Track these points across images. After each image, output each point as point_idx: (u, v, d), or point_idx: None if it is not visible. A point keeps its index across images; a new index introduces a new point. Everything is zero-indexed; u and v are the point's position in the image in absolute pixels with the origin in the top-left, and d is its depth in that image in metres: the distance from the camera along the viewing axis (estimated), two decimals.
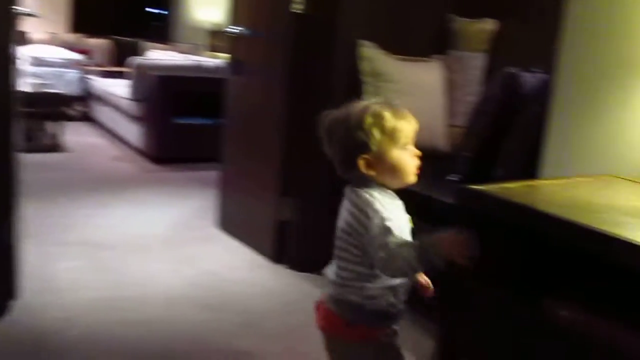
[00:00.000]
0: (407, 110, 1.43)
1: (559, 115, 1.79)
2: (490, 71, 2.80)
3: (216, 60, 5.55)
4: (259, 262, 2.94)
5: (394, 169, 1.40)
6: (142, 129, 4.90)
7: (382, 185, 1.41)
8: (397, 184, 1.41)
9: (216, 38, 6.86)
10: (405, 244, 1.29)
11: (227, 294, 2.58)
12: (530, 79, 2.42)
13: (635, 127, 1.61)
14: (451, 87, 2.90)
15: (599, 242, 1.03)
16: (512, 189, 1.30)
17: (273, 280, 2.76)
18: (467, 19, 2.95)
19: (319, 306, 1.50)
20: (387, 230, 1.31)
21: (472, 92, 2.85)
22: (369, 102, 1.42)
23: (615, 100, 1.65)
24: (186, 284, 2.64)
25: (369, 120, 1.38)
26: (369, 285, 1.39)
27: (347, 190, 1.46)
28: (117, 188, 4.09)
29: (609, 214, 1.17)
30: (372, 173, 1.39)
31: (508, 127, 2.27)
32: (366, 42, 2.67)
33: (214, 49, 6.79)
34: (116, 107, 5.53)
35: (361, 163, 1.39)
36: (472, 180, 1.44)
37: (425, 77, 2.79)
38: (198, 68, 5.12)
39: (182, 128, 4.81)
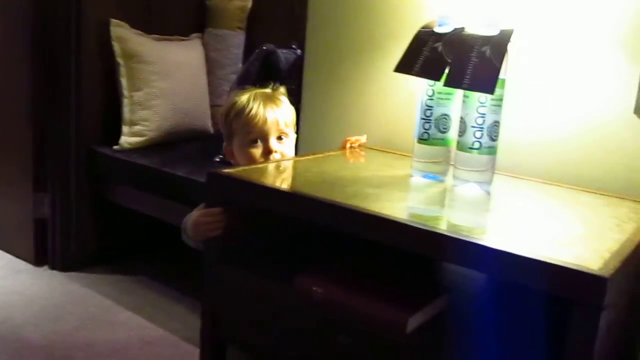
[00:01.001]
0: (281, 102, 1.48)
1: (311, 91, 1.82)
2: (250, 49, 2.78)
3: None
4: (16, 267, 2.66)
5: (242, 162, 1.44)
6: None
7: None
8: None
9: None
10: None
11: None
12: (287, 55, 2.45)
13: (380, 100, 1.68)
14: (213, 66, 2.84)
15: (344, 217, 1.04)
16: (262, 169, 1.28)
17: (35, 284, 2.52)
18: None
19: None
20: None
21: (234, 70, 2.82)
22: (247, 90, 1.48)
23: (363, 75, 1.71)
24: None
25: (229, 110, 1.46)
26: None
27: None
28: None
29: (357, 187, 1.20)
30: (232, 158, 1.48)
31: None
32: (117, 22, 2.50)
33: None
34: None
35: (225, 149, 1.50)
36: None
37: (184, 57, 2.70)
38: None
39: None
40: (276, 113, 1.44)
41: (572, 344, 0.82)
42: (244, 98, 1.45)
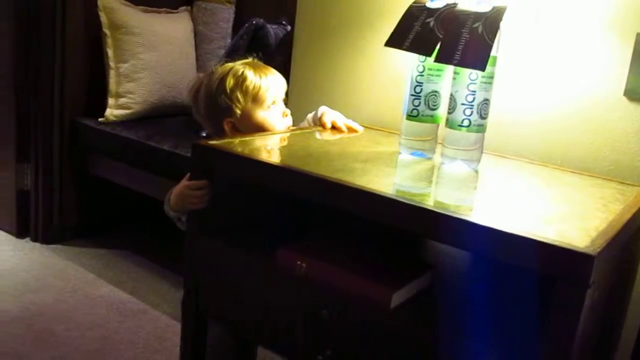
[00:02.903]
0: (271, 68, 1.44)
1: (300, 67, 1.80)
2: (239, 23, 2.74)
3: None
4: None
5: (259, 131, 1.38)
6: None
7: None
8: None
9: None
10: None
11: None
12: (277, 30, 2.42)
13: (369, 76, 1.66)
14: (201, 40, 2.80)
15: (330, 191, 1.03)
16: (248, 141, 1.26)
17: (16, 256, 2.50)
18: None
19: None
20: None
21: (222, 45, 2.78)
22: (233, 64, 1.41)
23: (352, 51, 1.69)
24: None
25: (230, 83, 1.37)
26: None
27: None
28: None
29: (344, 161, 1.18)
30: (238, 135, 1.36)
31: None
32: None
33: None
34: None
35: (226, 127, 1.39)
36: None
37: (172, 29, 2.66)
38: None
39: None
40: (279, 77, 1.44)
41: (557, 321, 0.81)
42: (239, 67, 1.39)
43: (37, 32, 2.44)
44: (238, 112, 1.38)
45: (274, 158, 1.20)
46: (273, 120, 1.40)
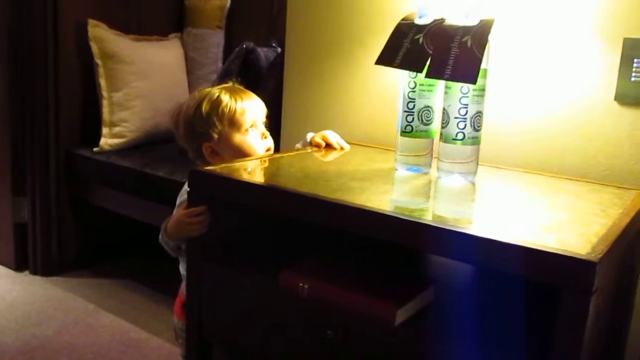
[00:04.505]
0: (249, 92, 1.44)
1: (292, 88, 1.81)
2: (230, 48, 2.76)
3: None
4: None
5: (238, 154, 1.38)
6: None
7: None
8: None
9: None
10: None
11: None
12: (268, 53, 2.44)
13: (362, 94, 1.67)
14: (192, 66, 2.82)
15: (330, 211, 1.03)
16: (244, 165, 1.26)
17: (15, 290, 2.48)
18: None
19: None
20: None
21: (214, 70, 2.80)
22: (211, 88, 1.41)
23: (343, 70, 1.70)
24: None
25: (206, 107, 1.37)
26: None
27: None
28: None
29: (341, 181, 1.19)
30: (217, 160, 1.38)
31: None
32: (94, 22, 2.47)
33: None
34: None
35: (206, 152, 1.39)
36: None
37: (163, 56, 2.67)
38: None
39: None
40: (257, 100, 1.44)
41: (562, 330, 0.81)
42: (216, 91, 1.40)
43: (30, 64, 2.45)
44: (215, 136, 1.38)
45: (272, 181, 1.20)
46: (251, 143, 1.39)
